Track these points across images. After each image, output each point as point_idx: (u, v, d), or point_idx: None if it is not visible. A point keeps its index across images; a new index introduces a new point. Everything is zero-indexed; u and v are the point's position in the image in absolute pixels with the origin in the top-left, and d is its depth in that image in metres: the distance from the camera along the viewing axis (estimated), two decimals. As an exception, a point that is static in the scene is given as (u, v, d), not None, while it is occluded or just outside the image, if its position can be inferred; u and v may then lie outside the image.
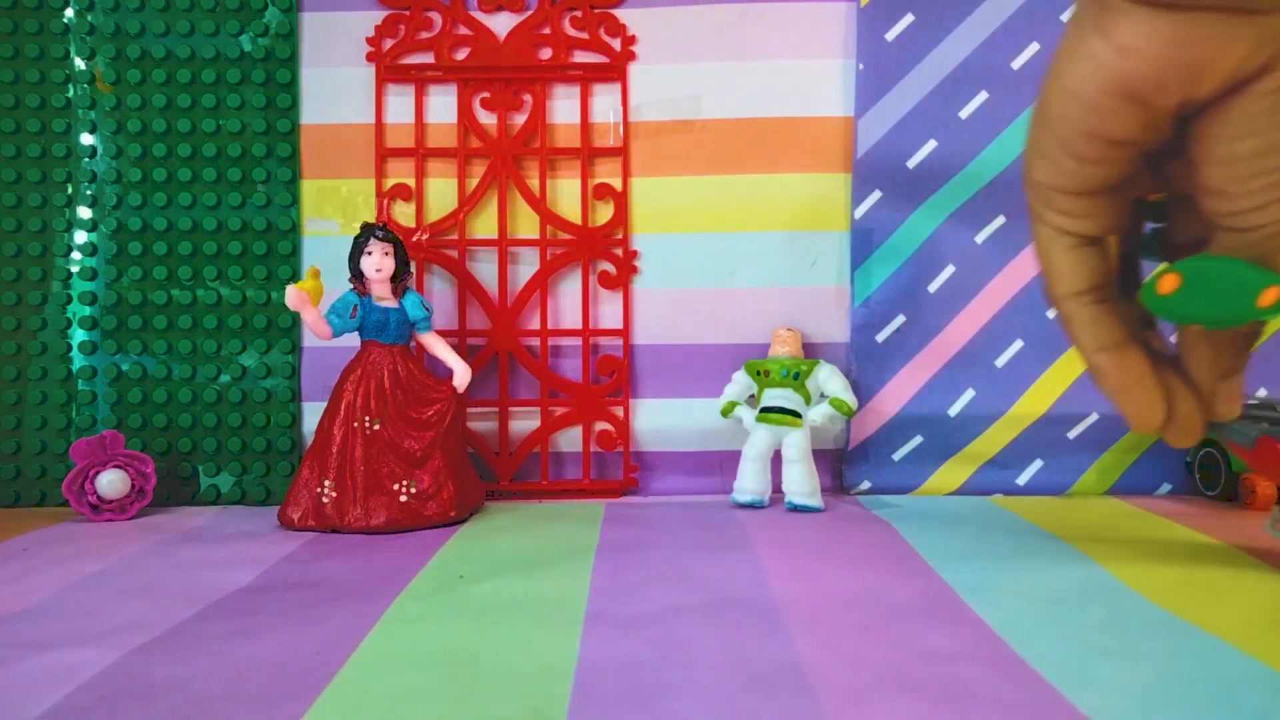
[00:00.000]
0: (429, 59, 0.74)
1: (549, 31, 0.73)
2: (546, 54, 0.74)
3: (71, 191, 0.72)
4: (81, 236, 0.72)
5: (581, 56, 0.74)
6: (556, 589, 0.47)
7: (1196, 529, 0.59)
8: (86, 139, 0.72)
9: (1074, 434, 0.72)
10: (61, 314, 0.72)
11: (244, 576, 0.50)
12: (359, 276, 0.65)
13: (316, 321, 0.63)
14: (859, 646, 0.39)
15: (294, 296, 0.61)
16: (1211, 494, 0.69)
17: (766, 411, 0.68)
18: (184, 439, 0.72)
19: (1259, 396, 0.68)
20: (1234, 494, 0.68)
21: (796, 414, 0.67)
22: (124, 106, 0.72)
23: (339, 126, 0.73)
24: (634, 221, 0.74)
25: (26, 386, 0.72)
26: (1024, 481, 0.72)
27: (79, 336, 0.72)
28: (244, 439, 0.72)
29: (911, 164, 0.72)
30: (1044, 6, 0.72)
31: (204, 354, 0.72)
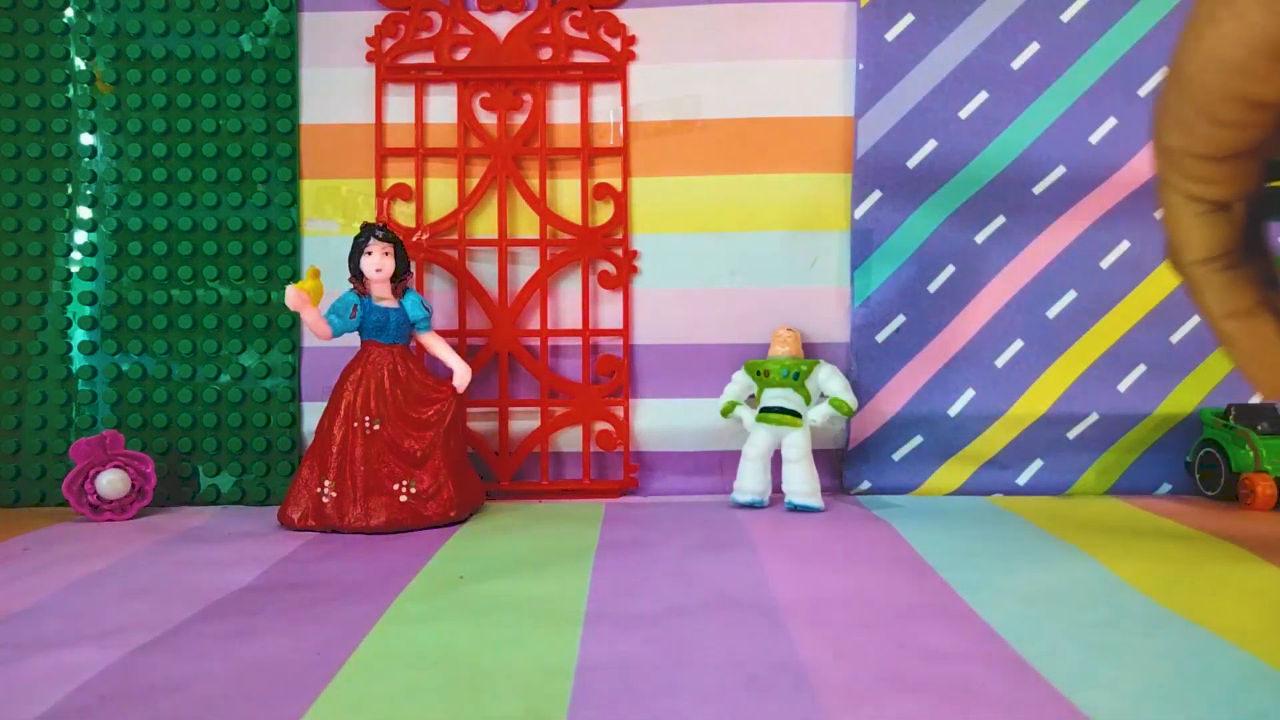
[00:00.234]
0: (429, 59, 0.74)
1: (549, 31, 0.73)
2: (546, 54, 0.74)
3: (71, 191, 0.72)
4: (81, 236, 0.72)
5: (581, 56, 0.74)
6: (556, 589, 0.47)
7: (1197, 528, 0.59)
8: (86, 139, 0.72)
9: (1074, 434, 0.72)
10: (61, 314, 0.72)
11: (244, 576, 0.50)
12: (359, 276, 0.65)
13: (316, 321, 0.63)
14: (859, 646, 0.39)
15: (294, 296, 0.61)
16: (1211, 494, 0.69)
17: (766, 411, 0.68)
18: (184, 439, 0.72)
19: None
20: (1234, 494, 0.68)
21: (796, 414, 0.67)
22: (124, 106, 0.72)
23: (339, 126, 0.73)
24: (634, 221, 0.74)
25: (26, 386, 0.72)
26: (1024, 481, 0.72)
27: (79, 336, 0.72)
28: (244, 439, 0.72)
29: (912, 164, 0.72)
30: (1044, 6, 0.72)
31: (204, 354, 0.72)
